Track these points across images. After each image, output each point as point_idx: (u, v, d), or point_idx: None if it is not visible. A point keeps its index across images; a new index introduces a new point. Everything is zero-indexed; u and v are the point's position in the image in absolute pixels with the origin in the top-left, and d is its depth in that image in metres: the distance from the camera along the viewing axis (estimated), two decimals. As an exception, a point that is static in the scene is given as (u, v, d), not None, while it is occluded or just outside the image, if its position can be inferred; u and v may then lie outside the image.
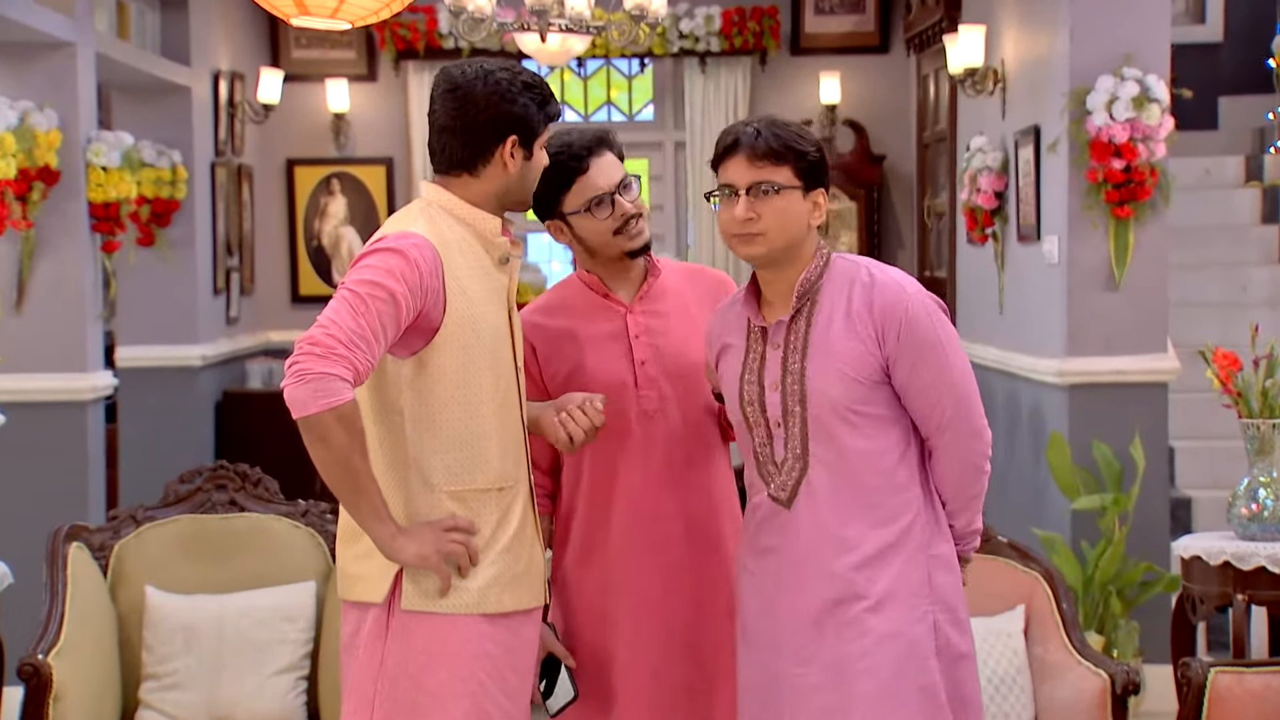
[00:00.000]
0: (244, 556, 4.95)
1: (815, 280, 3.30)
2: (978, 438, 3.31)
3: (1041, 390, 6.88)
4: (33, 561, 5.02)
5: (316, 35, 10.07)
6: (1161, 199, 6.46)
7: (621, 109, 10.71)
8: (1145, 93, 6.29)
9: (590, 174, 3.53)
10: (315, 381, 3.01)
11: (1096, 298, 6.54)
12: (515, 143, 3.29)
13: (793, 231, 3.27)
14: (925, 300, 3.27)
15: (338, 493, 3.14)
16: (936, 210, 9.36)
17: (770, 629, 3.33)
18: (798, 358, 3.27)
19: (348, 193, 10.31)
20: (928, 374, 3.24)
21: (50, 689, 4.39)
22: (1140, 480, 6.33)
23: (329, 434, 3.04)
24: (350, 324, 3.06)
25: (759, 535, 3.36)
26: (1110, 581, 6.26)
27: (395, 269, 3.13)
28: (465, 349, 3.24)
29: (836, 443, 3.25)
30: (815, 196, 3.29)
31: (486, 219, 3.33)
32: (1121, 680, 4.47)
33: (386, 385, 3.24)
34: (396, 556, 3.19)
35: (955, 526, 3.38)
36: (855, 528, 3.25)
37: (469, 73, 3.30)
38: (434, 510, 3.24)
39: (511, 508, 3.31)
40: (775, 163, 3.25)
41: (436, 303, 3.20)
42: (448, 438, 3.24)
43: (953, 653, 3.28)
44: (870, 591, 3.22)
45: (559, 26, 6.14)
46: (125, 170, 6.88)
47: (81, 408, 6.72)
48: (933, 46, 9.12)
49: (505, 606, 3.28)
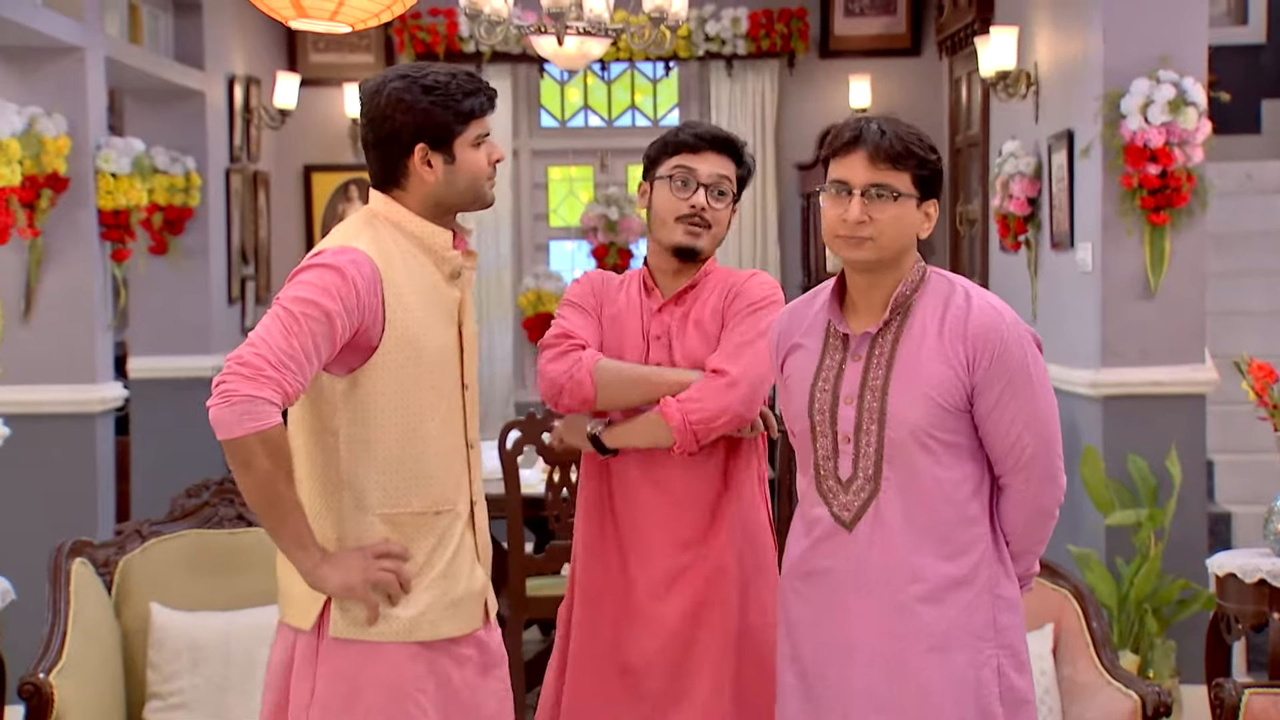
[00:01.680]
0: (251, 573, 4.94)
1: (910, 294, 3.22)
2: (1054, 483, 3.24)
3: (1075, 402, 6.84)
4: (37, 578, 5.03)
5: (334, 39, 10.10)
6: (1199, 205, 6.42)
7: (646, 113, 10.69)
8: (1181, 96, 6.26)
9: (698, 156, 3.69)
10: (242, 404, 2.97)
11: (1132, 307, 6.50)
12: (426, 150, 3.24)
13: (903, 241, 3.20)
14: (1021, 331, 3.20)
15: (260, 518, 3.11)
16: (968, 217, 9.33)
17: (821, 658, 3.25)
18: (881, 374, 3.19)
19: (366, 199, 10.26)
20: (1013, 407, 3.16)
21: (52, 709, 4.38)
22: (1177, 495, 6.29)
23: (252, 458, 3.00)
24: (281, 344, 3.02)
25: (812, 555, 3.28)
26: (1146, 599, 6.22)
27: (331, 286, 3.09)
28: (404, 368, 3.19)
29: (911, 468, 3.17)
30: (928, 207, 3.22)
31: (435, 233, 3.28)
32: (1153, 701, 4.43)
33: (321, 403, 3.20)
34: (321, 586, 3.14)
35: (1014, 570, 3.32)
36: (924, 558, 3.17)
37: (370, 86, 3.27)
38: (365, 533, 3.20)
39: (449, 531, 3.27)
40: (896, 167, 3.16)
41: (375, 321, 3.15)
42: (383, 458, 3.20)
43: (1015, 698, 3.21)
44: (935, 629, 3.16)
45: (577, 29, 6.13)
46: (136, 177, 6.89)
47: (90, 420, 6.74)
48: (965, 49, 9.10)
49: (440, 634, 3.24)
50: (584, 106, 10.77)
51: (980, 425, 3.18)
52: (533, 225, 10.72)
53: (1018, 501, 3.23)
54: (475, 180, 3.29)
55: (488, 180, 3.32)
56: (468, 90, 3.25)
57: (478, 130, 3.27)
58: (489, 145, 3.31)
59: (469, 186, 3.29)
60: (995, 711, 3.17)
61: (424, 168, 3.24)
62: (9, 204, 6.25)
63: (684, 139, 3.69)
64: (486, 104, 3.28)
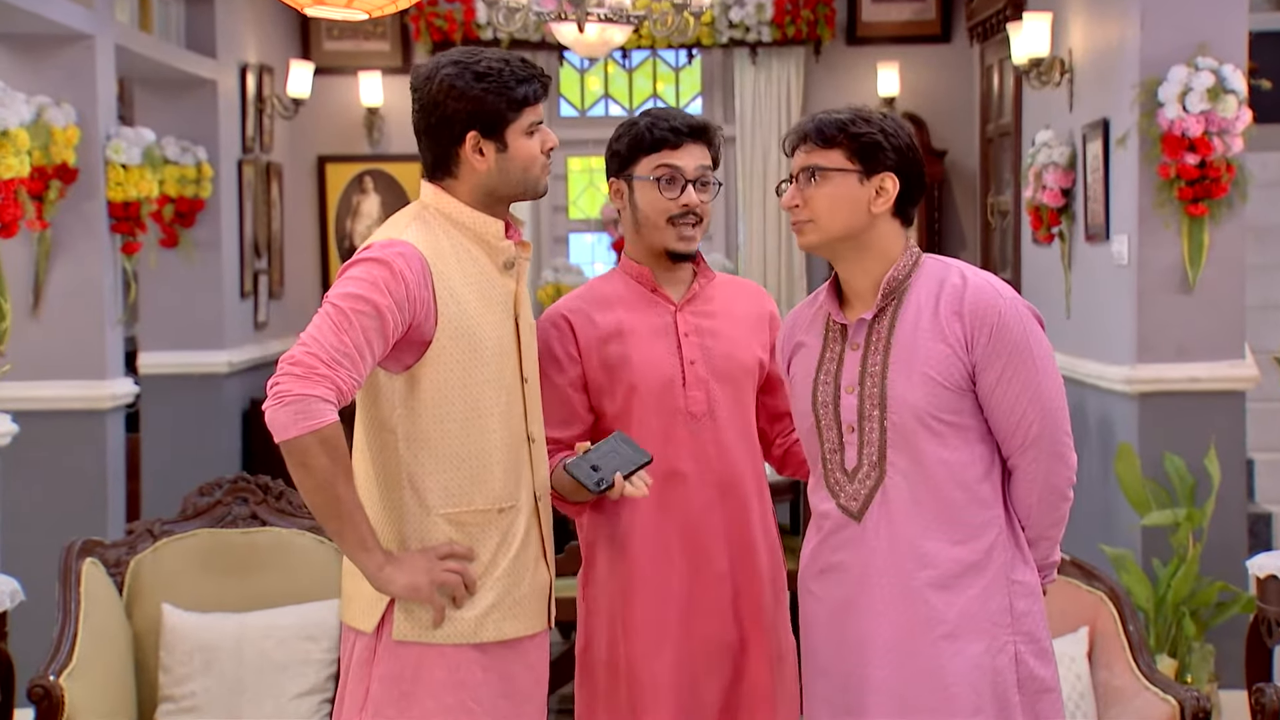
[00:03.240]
0: (265, 573, 4.97)
1: (903, 279, 3.25)
2: (1062, 461, 3.23)
3: (1110, 399, 6.82)
4: (46, 578, 5.04)
5: (349, 27, 10.12)
6: (1238, 196, 6.39)
7: (668, 103, 10.67)
8: (1220, 83, 6.23)
9: (680, 152, 3.60)
10: (295, 403, 3.01)
11: (1169, 301, 6.48)
12: (478, 138, 3.25)
13: (846, 219, 3.22)
14: (1020, 307, 3.21)
15: (322, 520, 3.13)
16: (1000, 208, 9.30)
17: (839, 655, 3.26)
18: (879, 359, 3.22)
19: (381, 191, 10.34)
20: (1016, 384, 3.17)
21: (62, 711, 4.40)
22: (1215, 494, 6.26)
23: (311, 458, 3.03)
24: (332, 341, 3.05)
25: (822, 550, 3.30)
26: (1184, 602, 6.20)
27: (380, 281, 3.11)
28: (462, 362, 3.21)
29: (917, 451, 3.19)
30: (880, 181, 3.23)
31: (487, 222, 3.30)
32: (1191, 707, 4.42)
33: (380, 403, 3.23)
34: (385, 588, 3.16)
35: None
36: (934, 543, 3.18)
37: (423, 72, 3.28)
38: (428, 534, 3.22)
39: (513, 528, 3.28)
40: (824, 146, 3.22)
41: (427, 315, 3.17)
42: (445, 456, 3.21)
43: (1036, 686, 3.21)
44: (947, 615, 3.17)
45: (598, 16, 6.12)
46: (146, 168, 6.90)
47: (100, 416, 6.74)
48: (996, 35, 9.08)
49: (505, 634, 3.26)
50: (604, 95, 10.78)
51: (984, 404, 3.20)
52: (552, 217, 10.72)
53: (1027, 482, 3.24)
54: (528, 169, 3.31)
55: (542, 169, 3.34)
56: (521, 77, 3.26)
57: (531, 118, 3.29)
58: (542, 133, 3.32)
59: (522, 175, 3.31)
60: (1012, 700, 3.18)
61: (476, 156, 3.26)
62: (17, 196, 6.25)
63: (663, 135, 3.60)
64: (541, 91, 3.29)
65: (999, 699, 3.16)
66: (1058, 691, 3.26)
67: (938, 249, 10.01)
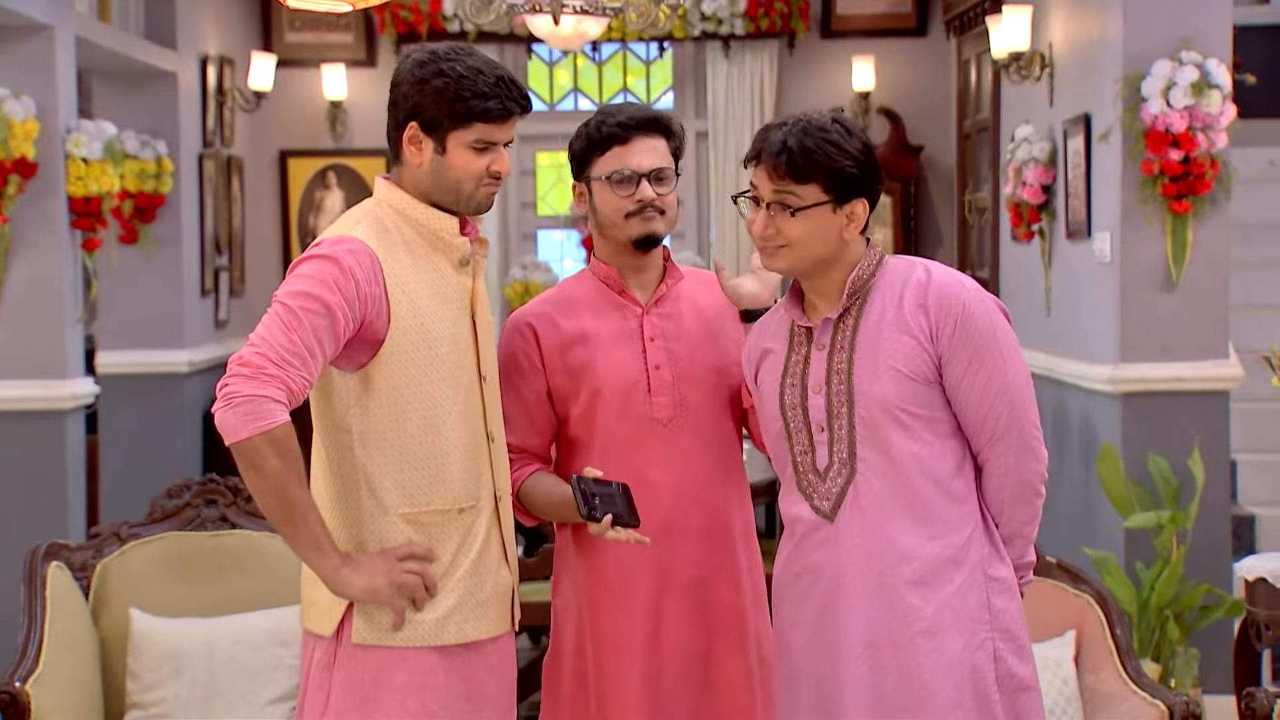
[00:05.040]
0: (236, 577, 4.97)
1: (868, 279, 3.30)
2: (1032, 454, 3.28)
3: (1092, 399, 6.87)
4: (8, 582, 5.04)
5: (311, 18, 10.10)
6: (1222, 192, 6.44)
7: (639, 97, 10.71)
8: (1205, 78, 6.28)
9: (630, 147, 3.59)
10: (245, 404, 3.04)
11: (1152, 299, 6.53)
12: (417, 130, 3.26)
13: (818, 247, 3.26)
14: (984, 299, 3.27)
15: (275, 523, 3.15)
16: (978, 205, 9.36)
17: (814, 657, 3.29)
18: (845, 356, 3.26)
19: (345, 186, 10.33)
20: (983, 375, 3.22)
21: (28, 719, 4.40)
22: (1199, 496, 6.30)
23: (262, 460, 3.05)
24: (282, 341, 3.07)
25: (796, 555, 3.33)
26: (1167, 605, 6.24)
27: (329, 278, 3.13)
28: (417, 361, 3.23)
29: (887, 447, 3.23)
30: (852, 207, 3.27)
31: (440, 218, 3.31)
32: (1180, 711, 4.47)
33: (334, 402, 3.24)
34: (343, 591, 3.17)
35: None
36: (909, 538, 3.22)
37: (405, 55, 3.33)
38: (387, 536, 3.23)
39: (473, 529, 3.30)
40: (799, 181, 3.23)
41: (379, 312, 3.19)
42: (401, 456, 3.23)
43: (1015, 684, 3.25)
44: (925, 611, 3.20)
45: (573, 8, 6.13)
46: (108, 162, 6.89)
47: (60, 417, 6.73)
48: (974, 29, 9.12)
49: (467, 636, 3.27)
50: (574, 89, 10.80)
51: (952, 397, 3.25)
52: (520, 213, 10.74)
53: (999, 477, 3.28)
54: (462, 182, 3.30)
55: (479, 186, 3.30)
56: (482, 91, 3.23)
57: (481, 135, 3.26)
58: (495, 154, 3.30)
59: (455, 186, 3.30)
60: (992, 697, 3.21)
61: (412, 148, 3.28)
62: (-25, 191, 6.26)
63: (610, 131, 3.59)
64: (501, 112, 3.26)
65: (979, 696, 3.20)
66: (1037, 690, 3.30)
67: (914, 247, 10.07)
